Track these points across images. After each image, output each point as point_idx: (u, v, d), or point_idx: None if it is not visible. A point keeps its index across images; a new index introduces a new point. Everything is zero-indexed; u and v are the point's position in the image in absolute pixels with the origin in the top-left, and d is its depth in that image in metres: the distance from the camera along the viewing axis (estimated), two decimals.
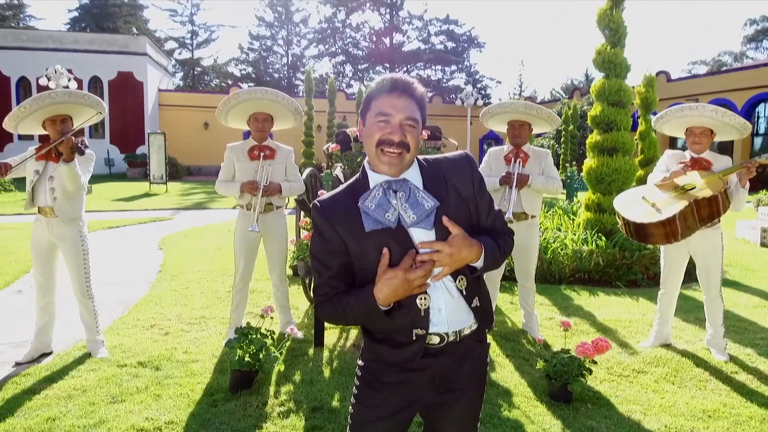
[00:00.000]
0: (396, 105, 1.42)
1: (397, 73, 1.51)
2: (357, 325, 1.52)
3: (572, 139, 24.13)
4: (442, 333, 1.48)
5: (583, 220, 6.89)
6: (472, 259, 1.43)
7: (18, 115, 3.60)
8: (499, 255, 1.51)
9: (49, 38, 27.20)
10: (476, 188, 1.53)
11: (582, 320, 4.82)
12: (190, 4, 44.53)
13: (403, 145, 1.42)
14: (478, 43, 40.82)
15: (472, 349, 1.57)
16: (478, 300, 1.52)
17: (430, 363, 1.51)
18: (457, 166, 1.53)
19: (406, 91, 1.45)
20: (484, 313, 1.55)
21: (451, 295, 1.49)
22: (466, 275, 1.48)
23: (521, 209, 4.28)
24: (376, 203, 1.43)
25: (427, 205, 1.44)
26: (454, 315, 1.49)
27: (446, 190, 1.49)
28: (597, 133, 6.75)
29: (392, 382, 1.52)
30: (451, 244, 1.39)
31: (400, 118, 1.42)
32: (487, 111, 4.48)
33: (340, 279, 1.49)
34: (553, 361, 3.22)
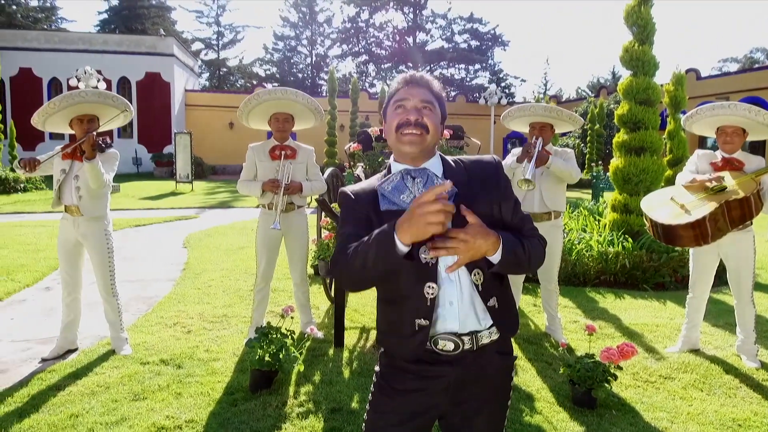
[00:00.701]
0: (411, 92, 1.48)
1: (418, 72, 1.54)
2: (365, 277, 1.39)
3: (598, 138, 23.72)
4: (454, 336, 1.44)
5: (609, 221, 6.75)
6: (489, 251, 1.36)
7: (47, 111, 3.67)
8: (522, 254, 1.42)
9: (79, 40, 27.79)
10: (502, 190, 1.51)
11: (607, 324, 4.71)
12: (216, 5, 45.10)
13: (420, 125, 1.45)
14: (503, 42, 40.46)
15: (493, 362, 1.50)
16: (496, 301, 1.46)
17: (444, 371, 1.47)
18: (484, 167, 1.54)
19: (421, 83, 1.51)
20: (504, 317, 1.48)
21: (464, 289, 1.45)
22: (483, 270, 1.43)
23: (545, 208, 4.21)
24: (393, 186, 1.47)
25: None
26: (466, 311, 1.45)
27: (468, 184, 1.48)
28: (624, 132, 6.61)
29: (404, 389, 1.49)
30: (467, 231, 1.33)
31: (414, 102, 1.47)
32: (508, 114, 4.42)
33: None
34: (576, 366, 3.15)
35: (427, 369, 1.47)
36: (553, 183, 4.21)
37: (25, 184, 16.53)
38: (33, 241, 8.33)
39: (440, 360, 1.47)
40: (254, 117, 4.25)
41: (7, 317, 4.77)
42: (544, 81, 47.44)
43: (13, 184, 16.25)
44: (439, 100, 1.52)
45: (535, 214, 4.21)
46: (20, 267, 6.56)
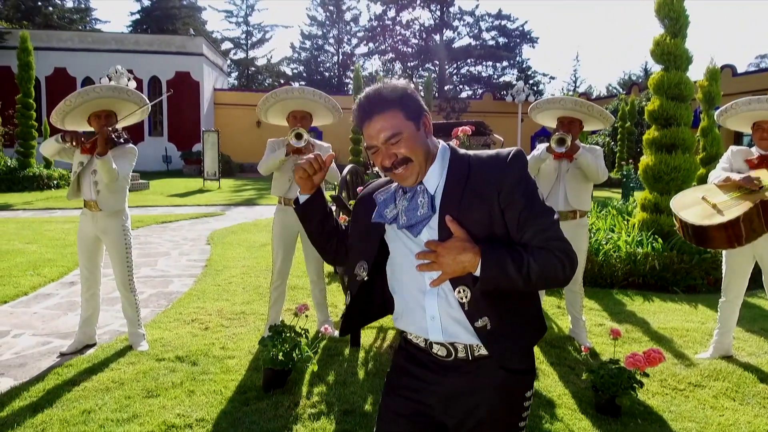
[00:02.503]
0: (371, 133, 1.38)
1: (364, 93, 1.40)
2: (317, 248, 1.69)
3: (629, 137, 23.17)
4: (446, 343, 1.38)
5: (638, 220, 6.53)
6: (469, 266, 1.28)
7: (64, 108, 3.68)
8: (514, 271, 1.27)
9: (112, 40, 28.39)
10: (505, 195, 1.33)
11: (634, 327, 4.54)
12: (245, 5, 45.57)
13: (399, 163, 1.37)
14: (531, 38, 39.79)
15: (495, 377, 1.38)
16: (489, 322, 1.33)
17: (439, 377, 1.41)
18: (492, 165, 1.37)
19: (374, 110, 1.37)
20: (500, 342, 1.34)
21: (449, 305, 1.37)
22: (470, 287, 1.32)
23: (569, 207, 4.06)
24: (385, 197, 1.47)
25: (420, 212, 1.37)
26: (452, 328, 1.37)
27: (462, 192, 1.36)
28: (655, 128, 6.37)
29: (401, 388, 1.48)
30: (443, 245, 1.29)
31: (379, 142, 1.37)
32: (536, 105, 4.27)
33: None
34: (600, 372, 3.02)
35: (424, 373, 1.44)
36: (578, 181, 4.06)
37: (57, 180, 16.94)
38: (61, 237, 8.48)
39: (437, 364, 1.42)
40: (273, 114, 4.25)
41: (30, 311, 4.84)
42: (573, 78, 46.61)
43: (47, 180, 16.66)
44: (402, 104, 1.36)
45: (559, 212, 4.07)
46: (47, 262, 6.68)
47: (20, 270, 6.21)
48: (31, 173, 16.39)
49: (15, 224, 10.00)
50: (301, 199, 1.58)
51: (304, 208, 1.58)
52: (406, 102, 1.37)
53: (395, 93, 1.37)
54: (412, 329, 1.44)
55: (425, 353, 1.44)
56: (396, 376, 1.51)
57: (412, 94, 1.39)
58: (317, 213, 1.58)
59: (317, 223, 1.59)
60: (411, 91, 1.39)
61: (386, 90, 1.37)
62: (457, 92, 37.84)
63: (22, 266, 6.40)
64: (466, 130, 4.51)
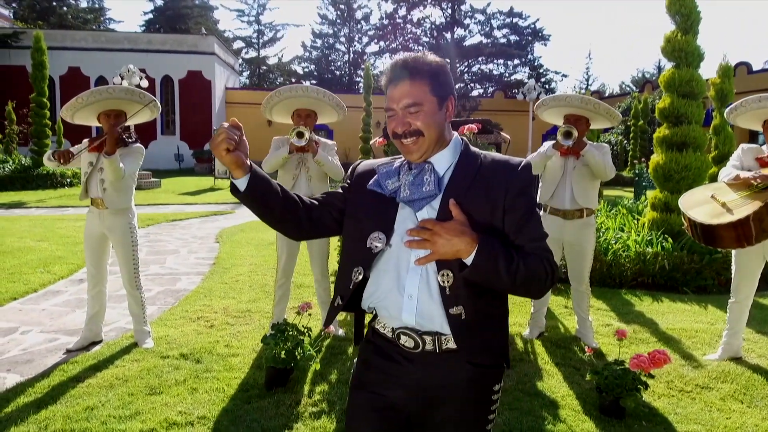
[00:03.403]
0: (394, 96, 1.37)
1: (402, 56, 1.40)
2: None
3: (642, 135, 22.94)
4: (415, 334, 1.37)
5: (649, 219, 6.45)
6: (463, 252, 1.27)
7: (75, 105, 3.74)
8: (504, 268, 1.27)
9: (125, 39, 28.63)
10: (509, 198, 1.35)
11: (642, 328, 4.48)
12: (257, 4, 45.72)
13: (410, 134, 1.36)
14: (543, 36, 39.49)
15: (464, 371, 1.38)
16: (463, 311, 1.33)
17: (406, 369, 1.40)
18: (500, 169, 1.40)
19: (404, 75, 1.37)
20: (470, 334, 1.34)
21: (429, 288, 1.35)
22: (454, 272, 1.32)
23: (576, 205, 4.02)
24: (387, 170, 1.45)
25: (426, 189, 1.36)
26: (428, 311, 1.35)
27: (472, 184, 1.37)
28: (666, 126, 6.29)
29: (368, 383, 1.46)
30: (442, 225, 1.28)
31: (399, 107, 1.38)
32: (542, 103, 4.23)
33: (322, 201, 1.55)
34: (604, 373, 2.98)
35: (390, 365, 1.43)
36: (585, 179, 4.01)
37: (71, 179, 17.11)
38: (72, 234, 8.56)
39: (403, 356, 1.41)
40: (277, 112, 4.25)
41: (39, 308, 4.89)
42: (586, 76, 46.22)
43: (60, 179, 16.84)
44: (430, 79, 1.36)
45: (566, 211, 4.04)
46: (57, 259, 6.74)
47: (31, 267, 6.27)
48: (44, 171, 16.56)
49: (28, 222, 10.11)
50: (240, 185, 1.40)
51: (252, 191, 1.40)
52: (437, 78, 1.38)
53: (430, 66, 1.38)
54: (383, 310, 1.42)
55: (392, 344, 1.43)
56: (363, 371, 1.49)
57: (446, 73, 1.40)
58: (269, 189, 1.43)
59: (277, 203, 1.44)
60: (445, 70, 1.41)
61: (423, 60, 1.38)
62: (468, 90, 37.66)
63: (33, 263, 6.47)
64: (473, 128, 4.48)
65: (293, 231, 1.53)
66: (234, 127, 1.38)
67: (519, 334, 4.29)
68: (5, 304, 4.95)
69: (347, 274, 1.45)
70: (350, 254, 1.48)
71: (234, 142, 1.35)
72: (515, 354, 3.87)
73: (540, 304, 4.27)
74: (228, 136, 1.34)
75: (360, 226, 1.45)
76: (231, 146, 1.35)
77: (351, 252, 1.47)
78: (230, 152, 1.35)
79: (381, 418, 1.41)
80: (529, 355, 3.90)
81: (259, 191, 1.42)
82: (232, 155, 1.36)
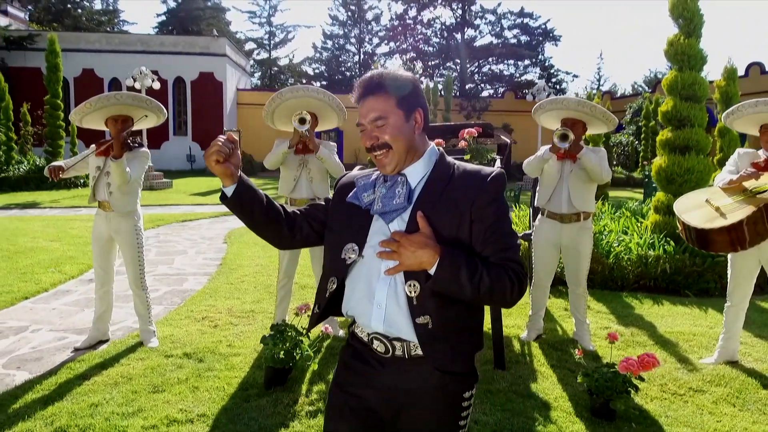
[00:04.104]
0: (362, 111, 1.45)
1: (368, 74, 1.47)
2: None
3: (653, 135, 22.75)
4: (385, 339, 1.43)
5: (651, 222, 6.46)
6: (426, 263, 1.33)
7: (83, 110, 3.85)
8: (467, 280, 1.31)
9: (138, 41, 28.94)
10: (477, 209, 1.39)
11: (640, 331, 4.51)
12: (268, 5, 46.02)
13: (379, 147, 1.42)
14: (554, 36, 39.34)
15: (430, 376, 1.43)
16: (430, 321, 1.38)
17: (378, 372, 1.46)
18: (472, 179, 1.43)
19: (370, 90, 1.44)
20: (436, 344, 1.39)
21: (397, 297, 1.41)
22: (421, 283, 1.37)
23: (572, 209, 4.06)
24: (365, 182, 1.51)
25: (396, 201, 1.42)
26: (396, 320, 1.41)
27: (440, 194, 1.42)
28: (668, 129, 6.30)
29: (346, 382, 1.52)
30: (407, 237, 1.34)
31: (366, 121, 1.44)
32: (539, 107, 4.27)
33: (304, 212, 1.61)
34: (594, 375, 3.03)
35: (364, 368, 1.49)
36: (581, 182, 4.05)
37: (84, 179, 17.37)
38: (83, 235, 8.73)
39: (376, 359, 1.47)
40: (279, 116, 4.31)
41: (49, 307, 5.02)
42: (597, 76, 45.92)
43: (74, 179, 17.09)
44: (398, 92, 1.42)
45: (563, 215, 4.08)
46: (69, 259, 6.89)
47: (42, 267, 6.43)
48: None
49: (41, 222, 10.32)
50: (228, 192, 1.49)
51: (238, 199, 1.48)
52: (402, 91, 1.43)
53: (395, 80, 1.43)
54: (357, 317, 1.49)
55: (367, 348, 1.49)
56: (341, 372, 1.56)
57: (411, 86, 1.45)
58: (255, 199, 1.51)
59: (260, 210, 1.52)
60: (412, 84, 1.45)
61: (388, 75, 1.44)
62: (478, 91, 37.62)
63: (45, 263, 6.63)
64: (472, 132, 4.54)
65: (275, 239, 1.60)
66: (229, 140, 1.47)
67: (516, 336, 4.35)
68: (17, 303, 5.10)
69: (323, 284, 1.54)
70: (327, 265, 1.55)
71: (224, 155, 1.44)
72: (511, 356, 3.92)
73: (538, 306, 4.32)
74: (219, 148, 1.44)
75: (337, 237, 1.51)
76: (221, 158, 1.44)
77: (328, 263, 1.54)
78: (220, 163, 1.45)
79: (357, 417, 1.48)
80: (525, 357, 3.95)
81: (244, 199, 1.50)
82: (221, 166, 1.45)
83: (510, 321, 4.66)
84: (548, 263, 4.25)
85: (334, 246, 1.51)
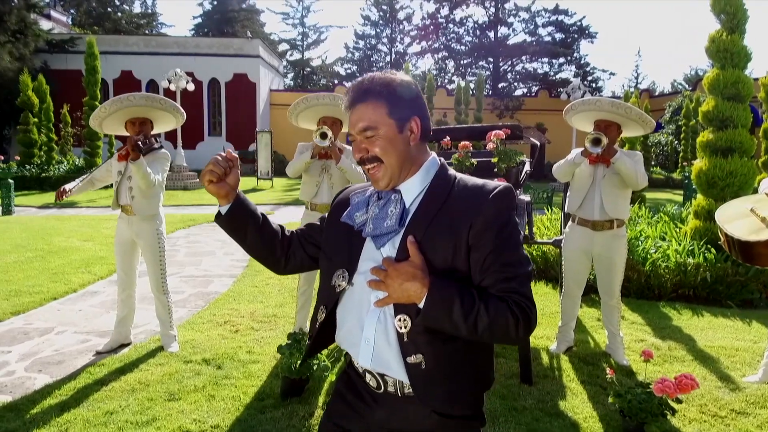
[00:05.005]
0: (351, 122, 1.33)
1: (359, 78, 1.34)
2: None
3: (694, 135, 21.97)
4: (377, 374, 1.30)
5: (691, 228, 6.15)
6: (415, 297, 1.18)
7: (99, 114, 3.86)
8: (461, 316, 1.15)
9: (174, 44, 29.52)
10: (473, 231, 1.21)
11: (678, 345, 4.26)
12: (301, 6, 46.32)
13: (369, 160, 1.29)
14: (590, 34, 38.39)
15: (426, 418, 1.28)
16: (423, 360, 1.23)
17: (369, 408, 1.34)
18: (472, 198, 1.26)
19: (359, 97, 1.30)
20: (432, 385, 1.24)
21: (387, 333, 1.27)
22: (412, 318, 1.22)
23: (605, 216, 3.85)
24: (359, 200, 1.39)
25: (387, 224, 1.28)
26: (383, 359, 1.27)
27: (435, 214, 1.27)
28: (710, 130, 5.99)
29: (336, 412, 1.42)
30: (396, 267, 1.20)
31: (357, 133, 1.32)
32: (570, 108, 4.07)
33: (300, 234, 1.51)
34: (627, 396, 2.84)
35: (356, 401, 1.38)
36: (615, 187, 3.84)
37: None
38: (113, 234, 8.86)
39: (369, 394, 1.35)
40: (303, 118, 4.28)
41: (76, 308, 5.08)
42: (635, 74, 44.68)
43: None
44: (390, 100, 1.28)
45: (595, 221, 3.88)
46: (99, 259, 6.99)
47: (73, 267, 6.53)
48: None
49: (77, 221, 10.56)
50: (222, 211, 1.42)
51: (230, 220, 1.41)
52: (396, 98, 1.28)
53: (387, 86, 1.29)
54: (347, 349, 1.37)
55: (361, 380, 1.37)
56: (333, 401, 1.45)
57: (406, 92, 1.30)
58: (248, 220, 1.43)
59: (254, 232, 1.43)
60: (408, 89, 1.30)
61: (379, 80, 1.30)
62: (511, 90, 37.05)
63: (76, 263, 6.73)
64: (500, 134, 4.37)
65: (271, 265, 1.52)
66: (227, 159, 1.40)
67: (545, 348, 4.16)
68: (45, 303, 5.17)
69: (315, 313, 1.43)
70: (319, 291, 1.43)
71: (218, 175, 1.38)
72: (539, 370, 3.74)
73: (568, 317, 4.13)
74: (212, 169, 1.37)
75: (329, 262, 1.40)
76: (214, 178, 1.38)
77: (320, 289, 1.43)
78: (213, 183, 1.38)
79: None
80: (554, 371, 3.77)
81: (237, 220, 1.43)
82: (215, 186, 1.39)
83: (538, 331, 4.48)
84: (579, 272, 4.05)
85: (325, 271, 1.40)
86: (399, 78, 1.31)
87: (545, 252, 6.23)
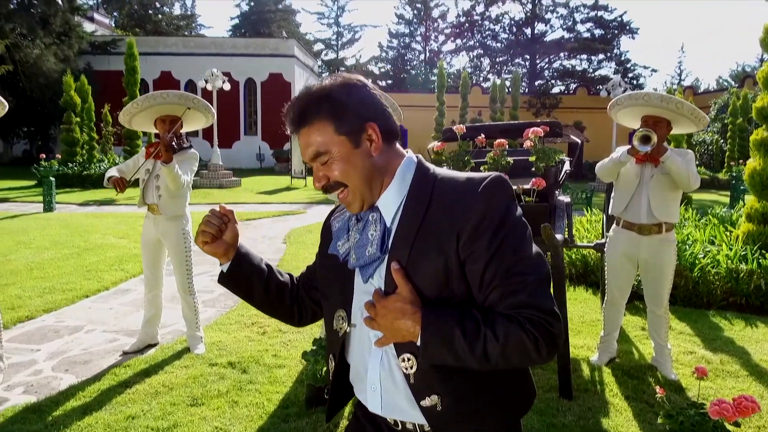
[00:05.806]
0: (301, 149, 1.15)
1: (291, 100, 1.15)
2: None
3: (741, 134, 21.07)
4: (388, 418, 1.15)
5: (743, 232, 5.78)
6: (408, 334, 1.01)
7: (130, 110, 3.80)
8: (465, 344, 0.97)
9: (211, 44, 30.00)
10: (464, 237, 1.01)
11: (732, 358, 3.96)
12: (336, 6, 46.54)
13: (332, 187, 1.13)
14: (631, 29, 37.23)
15: None
16: (439, 402, 1.06)
17: None
18: (452, 194, 1.06)
19: (300, 122, 1.12)
20: (454, 426, 1.08)
21: (393, 376, 1.10)
22: (416, 356, 1.04)
23: (653, 219, 3.58)
24: (339, 224, 1.23)
25: (369, 251, 1.09)
26: (394, 405, 1.11)
27: (417, 229, 1.06)
28: (765, 128, 5.61)
29: None
30: (384, 303, 1.03)
31: (308, 159, 1.13)
32: (616, 102, 3.79)
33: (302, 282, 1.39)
34: (679, 418, 2.60)
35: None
36: (664, 189, 3.57)
37: None
38: None
39: (388, 427, 1.19)
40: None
41: (107, 307, 5.08)
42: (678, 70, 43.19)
43: None
44: (332, 114, 1.08)
45: (642, 225, 3.62)
46: (132, 257, 7.04)
47: (107, 265, 6.58)
48: None
49: (114, 219, 10.75)
50: (223, 269, 1.29)
51: (233, 278, 1.29)
52: (338, 110, 1.08)
53: (325, 99, 1.09)
54: (357, 394, 1.23)
55: (373, 423, 1.22)
56: (352, 428, 1.31)
57: (347, 97, 1.09)
58: (253, 276, 1.30)
59: (260, 287, 1.30)
60: (347, 94, 1.09)
61: (314, 95, 1.10)
62: (548, 87, 36.27)
63: (110, 261, 6.79)
64: (538, 131, 4.15)
65: (286, 319, 1.39)
66: (221, 214, 1.27)
67: (586, 358, 3.92)
68: (77, 301, 5.19)
69: (326, 363, 1.30)
70: (327, 338, 1.28)
71: (211, 235, 1.25)
72: (579, 383, 3.51)
73: (611, 327, 3.88)
74: (204, 229, 1.25)
75: (327, 302, 1.25)
76: (208, 239, 1.25)
77: (327, 335, 1.28)
78: (208, 244, 1.26)
79: None
80: (595, 385, 3.53)
81: (241, 278, 1.30)
82: (210, 247, 1.26)
83: (579, 340, 4.23)
84: (623, 279, 3.79)
85: (327, 313, 1.25)
86: (336, 84, 1.10)
87: (585, 255, 5.95)
